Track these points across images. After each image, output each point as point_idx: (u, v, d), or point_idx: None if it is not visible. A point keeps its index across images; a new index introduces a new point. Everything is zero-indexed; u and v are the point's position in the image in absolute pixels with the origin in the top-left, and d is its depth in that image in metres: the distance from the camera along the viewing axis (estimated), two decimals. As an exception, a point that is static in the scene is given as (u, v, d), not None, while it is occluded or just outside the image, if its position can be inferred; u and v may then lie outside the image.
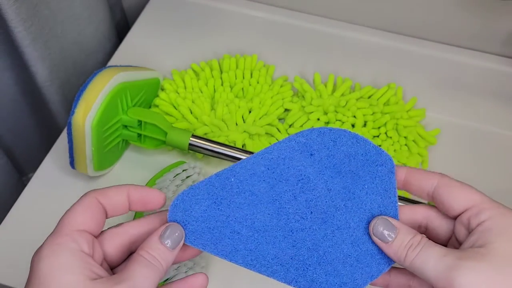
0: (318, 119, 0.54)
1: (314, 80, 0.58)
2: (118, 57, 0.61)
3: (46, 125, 0.67)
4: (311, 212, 0.32)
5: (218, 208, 0.31)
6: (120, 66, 0.50)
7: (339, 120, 0.53)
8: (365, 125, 0.53)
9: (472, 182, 0.54)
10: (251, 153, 0.48)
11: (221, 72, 0.57)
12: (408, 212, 0.32)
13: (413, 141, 0.53)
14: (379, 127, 0.53)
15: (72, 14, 0.56)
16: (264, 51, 0.62)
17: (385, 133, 0.53)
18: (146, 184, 0.47)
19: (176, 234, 0.29)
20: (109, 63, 0.61)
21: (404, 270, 0.32)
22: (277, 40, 0.64)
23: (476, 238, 0.28)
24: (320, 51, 0.63)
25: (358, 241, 0.32)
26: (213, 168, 0.52)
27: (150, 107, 0.55)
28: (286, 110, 0.56)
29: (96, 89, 0.44)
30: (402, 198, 0.46)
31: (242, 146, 0.53)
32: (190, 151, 0.50)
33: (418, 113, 0.56)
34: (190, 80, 0.56)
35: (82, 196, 0.29)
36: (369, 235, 0.31)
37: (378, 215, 0.31)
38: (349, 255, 0.31)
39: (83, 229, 0.28)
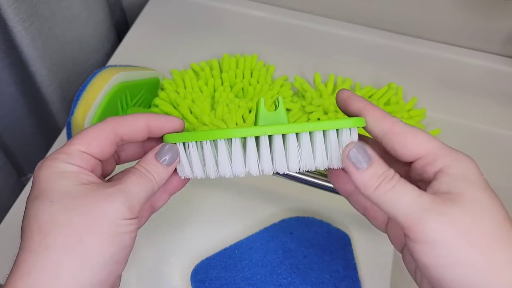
0: (318, 119, 0.54)
1: (315, 80, 0.58)
2: (117, 57, 0.61)
3: (45, 124, 0.67)
4: (294, 272, 0.43)
5: (227, 271, 0.43)
6: (120, 65, 0.50)
7: (339, 120, 0.53)
8: (365, 125, 0.53)
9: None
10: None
11: (221, 71, 0.57)
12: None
13: (414, 141, 0.53)
14: (379, 127, 0.53)
15: (71, 13, 0.56)
16: (264, 51, 0.61)
17: (385, 133, 0.53)
18: None
19: (171, 152, 0.31)
20: (109, 63, 0.61)
21: None
22: (277, 40, 0.63)
23: (439, 184, 0.27)
24: (320, 51, 0.63)
25: None
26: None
27: (150, 107, 0.54)
28: (286, 110, 0.56)
29: (95, 88, 0.44)
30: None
31: (242, 146, 0.53)
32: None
33: (419, 113, 0.56)
34: (190, 80, 0.56)
35: (100, 122, 0.31)
36: (342, 160, 0.28)
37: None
38: None
39: (84, 151, 0.29)
